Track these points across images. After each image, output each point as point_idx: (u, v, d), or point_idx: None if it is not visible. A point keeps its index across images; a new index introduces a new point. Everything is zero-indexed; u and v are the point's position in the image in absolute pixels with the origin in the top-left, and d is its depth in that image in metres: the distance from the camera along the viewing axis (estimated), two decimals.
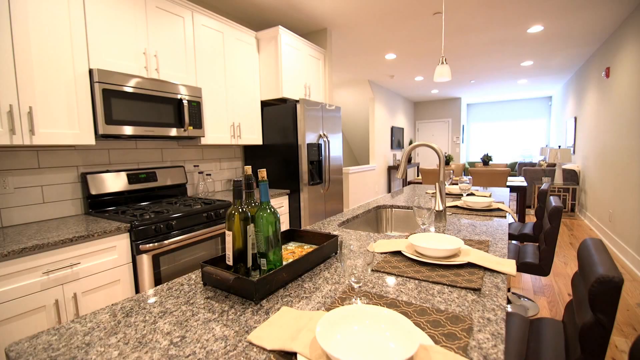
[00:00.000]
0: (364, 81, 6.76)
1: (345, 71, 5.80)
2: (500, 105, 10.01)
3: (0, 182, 1.69)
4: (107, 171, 2.13)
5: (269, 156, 3.18)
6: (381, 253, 1.13)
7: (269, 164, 3.18)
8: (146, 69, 2.08)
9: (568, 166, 5.44)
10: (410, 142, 9.56)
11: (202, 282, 0.91)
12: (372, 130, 7.23)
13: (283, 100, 3.22)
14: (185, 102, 2.24)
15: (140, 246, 1.77)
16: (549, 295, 2.57)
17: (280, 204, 2.95)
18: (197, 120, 2.37)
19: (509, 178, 4.67)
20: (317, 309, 0.75)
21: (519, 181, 4.11)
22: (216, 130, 2.65)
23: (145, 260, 1.80)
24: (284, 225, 3.02)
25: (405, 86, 7.38)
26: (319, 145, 3.19)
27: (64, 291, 1.46)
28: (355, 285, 0.75)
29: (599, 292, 0.74)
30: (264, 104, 3.24)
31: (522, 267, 1.66)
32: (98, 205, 2.07)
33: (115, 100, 1.86)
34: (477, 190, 2.66)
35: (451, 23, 3.59)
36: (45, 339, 0.66)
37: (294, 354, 0.57)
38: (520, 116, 9.68)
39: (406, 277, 0.92)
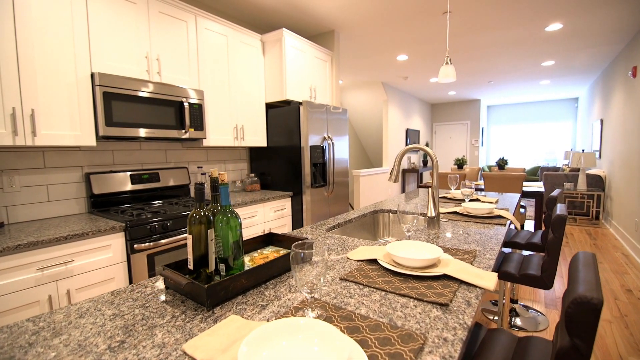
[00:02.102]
0: (377, 83, 6.68)
1: (358, 73, 5.74)
2: (523, 107, 9.60)
3: (7, 180, 1.77)
4: (111, 171, 2.20)
5: (273, 158, 3.18)
6: (357, 261, 1.09)
7: (273, 165, 3.18)
8: (148, 72, 2.13)
9: (593, 171, 5.12)
10: (427, 145, 9.35)
11: (165, 286, 0.90)
12: (385, 133, 7.12)
13: (287, 103, 3.22)
14: (186, 104, 2.28)
15: (135, 245, 1.80)
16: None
17: (282, 206, 2.95)
18: (198, 122, 2.40)
19: (526, 183, 4.45)
20: (268, 319, 0.72)
21: (536, 186, 3.90)
22: (219, 132, 2.68)
23: (140, 260, 1.83)
24: (286, 228, 3.01)
25: (420, 88, 7.23)
26: (323, 148, 3.16)
27: (57, 287, 1.51)
28: (308, 296, 0.71)
29: (575, 314, 0.66)
30: (269, 106, 3.25)
31: (523, 279, 1.56)
32: (101, 205, 2.13)
33: (116, 103, 1.91)
34: (485, 195, 2.55)
35: (463, 22, 3.47)
36: None
37: None
38: (545, 118, 9.24)
39: (373, 287, 0.88)
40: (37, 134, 1.64)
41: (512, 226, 2.72)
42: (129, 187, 2.27)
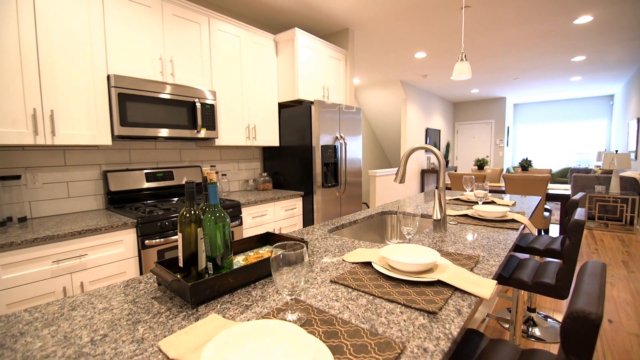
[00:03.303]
0: (395, 81, 6.56)
1: (375, 72, 5.66)
2: (553, 105, 9.12)
3: (30, 177, 1.89)
4: (127, 170, 2.29)
5: (285, 157, 3.20)
6: (352, 263, 1.07)
7: (286, 165, 3.20)
8: (162, 73, 2.20)
9: (627, 173, 4.77)
10: (448, 145, 9.08)
11: (157, 283, 0.92)
12: (403, 132, 6.99)
13: (300, 102, 3.22)
14: (198, 104, 2.33)
15: (146, 241, 1.86)
16: None
17: (294, 205, 2.95)
18: (210, 122, 2.45)
19: (552, 185, 4.22)
20: (249, 320, 0.72)
21: (563, 189, 3.69)
22: (231, 131, 2.72)
23: (150, 255, 1.89)
24: (297, 227, 3.01)
25: (441, 86, 7.03)
26: (334, 147, 3.14)
27: (72, 279, 1.59)
28: (289, 298, 0.70)
29: (571, 329, 0.61)
30: (282, 106, 3.27)
31: (536, 288, 1.47)
32: (117, 202, 2.22)
33: (130, 104, 1.99)
34: (502, 198, 2.44)
35: (483, 17, 3.33)
36: None
37: None
38: (577, 117, 8.73)
39: (362, 291, 0.85)
40: (56, 134, 1.73)
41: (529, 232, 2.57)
42: (144, 184, 2.35)
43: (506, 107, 8.69)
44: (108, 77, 1.93)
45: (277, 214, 2.79)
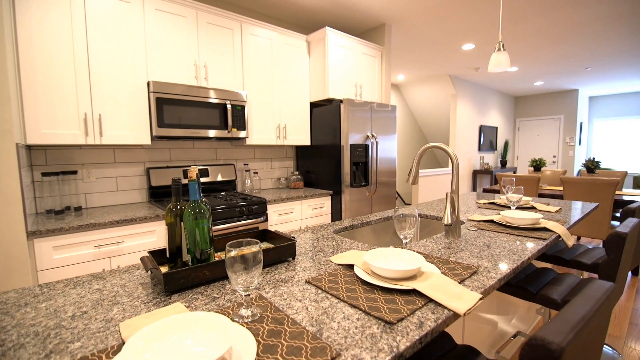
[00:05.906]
0: (444, 76, 6.18)
1: (420, 67, 5.41)
2: (638, 97, 7.76)
3: (86, 173, 2.19)
4: (167, 167, 2.52)
5: (316, 156, 3.23)
6: (337, 265, 1.05)
7: (317, 164, 3.23)
8: (196, 78, 2.38)
9: None
10: (506, 143, 8.28)
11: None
12: (452, 130, 6.56)
13: (330, 101, 3.22)
14: (229, 106, 2.47)
15: None
16: None
17: (322, 204, 2.97)
18: (240, 123, 2.58)
19: (627, 191, 3.61)
20: (209, 310, 0.76)
21: (635, 194, 3.14)
22: (261, 131, 2.83)
23: None
24: None
25: (497, 78, 6.44)
26: (365, 147, 3.08)
27: (110, 263, 1.81)
28: (244, 294, 0.72)
29: (527, 359, 0.54)
30: (314, 105, 3.30)
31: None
32: (157, 195, 2.46)
33: (167, 107, 2.19)
34: (548, 203, 2.17)
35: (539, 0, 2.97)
36: (8, 296, 0.85)
37: None
38: None
39: (330, 294, 0.84)
40: (103, 135, 1.98)
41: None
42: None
43: (579, 100, 7.63)
44: (148, 83, 2.15)
45: (304, 212, 2.83)
